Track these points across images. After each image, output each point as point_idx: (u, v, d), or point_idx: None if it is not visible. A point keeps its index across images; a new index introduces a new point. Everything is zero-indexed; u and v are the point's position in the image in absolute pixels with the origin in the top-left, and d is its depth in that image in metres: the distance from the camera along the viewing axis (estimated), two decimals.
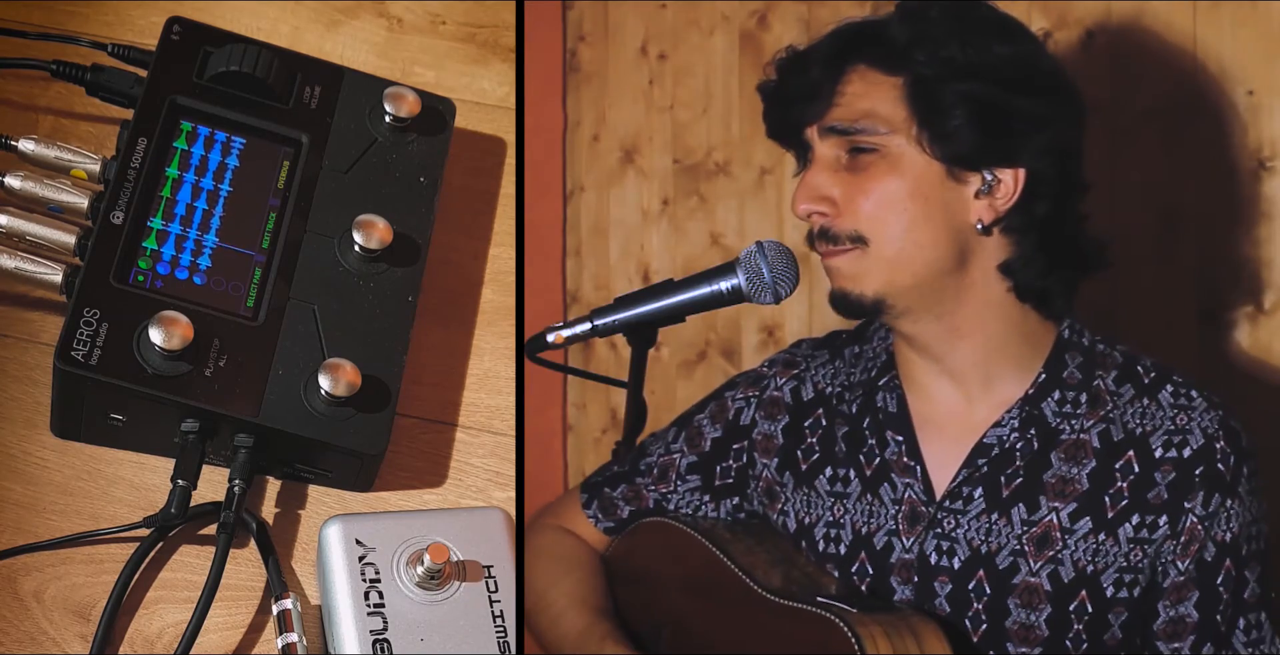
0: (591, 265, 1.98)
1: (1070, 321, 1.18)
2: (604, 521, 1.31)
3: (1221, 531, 1.13)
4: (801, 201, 1.15)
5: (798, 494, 1.23)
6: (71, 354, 1.21)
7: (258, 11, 1.55)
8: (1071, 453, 1.15)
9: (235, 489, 1.23)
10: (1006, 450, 1.16)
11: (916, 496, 1.18)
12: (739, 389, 1.28)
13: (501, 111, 1.55)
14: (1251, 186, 1.41)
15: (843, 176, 1.14)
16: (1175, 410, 1.14)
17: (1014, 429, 1.16)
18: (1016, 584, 1.15)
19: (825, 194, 1.14)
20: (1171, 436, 1.14)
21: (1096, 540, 1.14)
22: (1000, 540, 1.15)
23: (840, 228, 1.14)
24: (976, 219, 1.14)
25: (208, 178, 1.34)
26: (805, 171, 1.16)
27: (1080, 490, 1.14)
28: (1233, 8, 1.41)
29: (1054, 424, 1.15)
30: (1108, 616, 1.14)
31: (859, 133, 1.13)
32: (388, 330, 1.32)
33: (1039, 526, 1.14)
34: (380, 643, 1.16)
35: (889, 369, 1.21)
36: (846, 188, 1.14)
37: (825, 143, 1.15)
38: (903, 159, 1.13)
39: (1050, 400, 1.16)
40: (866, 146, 1.13)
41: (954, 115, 1.11)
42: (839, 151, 1.14)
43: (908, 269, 1.14)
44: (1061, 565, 1.14)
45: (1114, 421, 1.15)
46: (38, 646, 1.20)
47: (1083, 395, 1.16)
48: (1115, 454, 1.14)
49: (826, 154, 1.15)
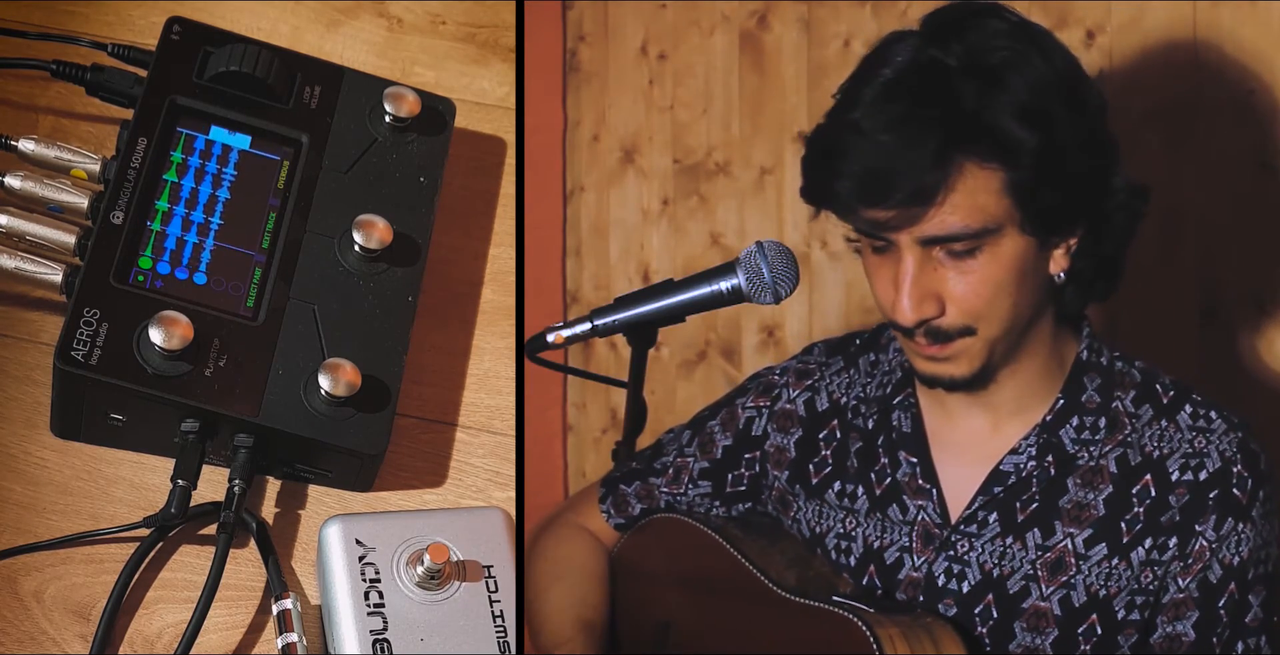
0: (591, 265, 1.98)
1: (1090, 340, 1.16)
2: (615, 517, 1.31)
3: (1230, 554, 1.11)
4: (913, 311, 1.08)
5: (809, 504, 1.22)
6: (71, 354, 1.21)
7: (258, 11, 1.55)
8: (1089, 478, 1.13)
9: (235, 489, 1.23)
10: (1023, 478, 1.14)
11: (930, 519, 1.16)
12: (749, 396, 1.27)
13: (501, 111, 1.55)
14: (1251, 186, 1.41)
15: (944, 273, 1.08)
16: (1194, 433, 1.13)
17: (1031, 457, 1.14)
18: (1025, 608, 1.14)
19: (933, 295, 1.09)
20: (1189, 459, 1.12)
21: (1110, 564, 1.12)
22: (1013, 564, 1.14)
23: (950, 325, 1.10)
24: (1058, 271, 1.12)
25: (208, 178, 1.34)
26: (900, 271, 1.08)
27: (1096, 516, 1.13)
28: (1233, 8, 1.41)
29: (1072, 451, 1.14)
30: (1117, 638, 1.13)
31: (969, 238, 1.07)
32: (388, 330, 1.32)
33: (1053, 551, 1.13)
34: (380, 643, 1.16)
35: (904, 386, 1.20)
36: (954, 286, 1.08)
37: (922, 244, 1.08)
38: (1003, 245, 1.08)
39: (1069, 427, 1.14)
40: (974, 246, 1.08)
41: (1055, 197, 1.07)
42: (935, 247, 1.08)
43: (1006, 341, 1.11)
44: (1074, 590, 1.13)
45: (1132, 445, 1.13)
46: (38, 646, 1.20)
47: (1101, 419, 1.14)
48: (1132, 479, 1.13)
49: (919, 250, 1.08)
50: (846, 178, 1.06)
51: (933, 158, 1.04)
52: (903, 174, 1.04)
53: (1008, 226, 1.07)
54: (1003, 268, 1.08)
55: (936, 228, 1.06)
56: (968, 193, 1.06)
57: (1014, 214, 1.07)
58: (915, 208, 1.05)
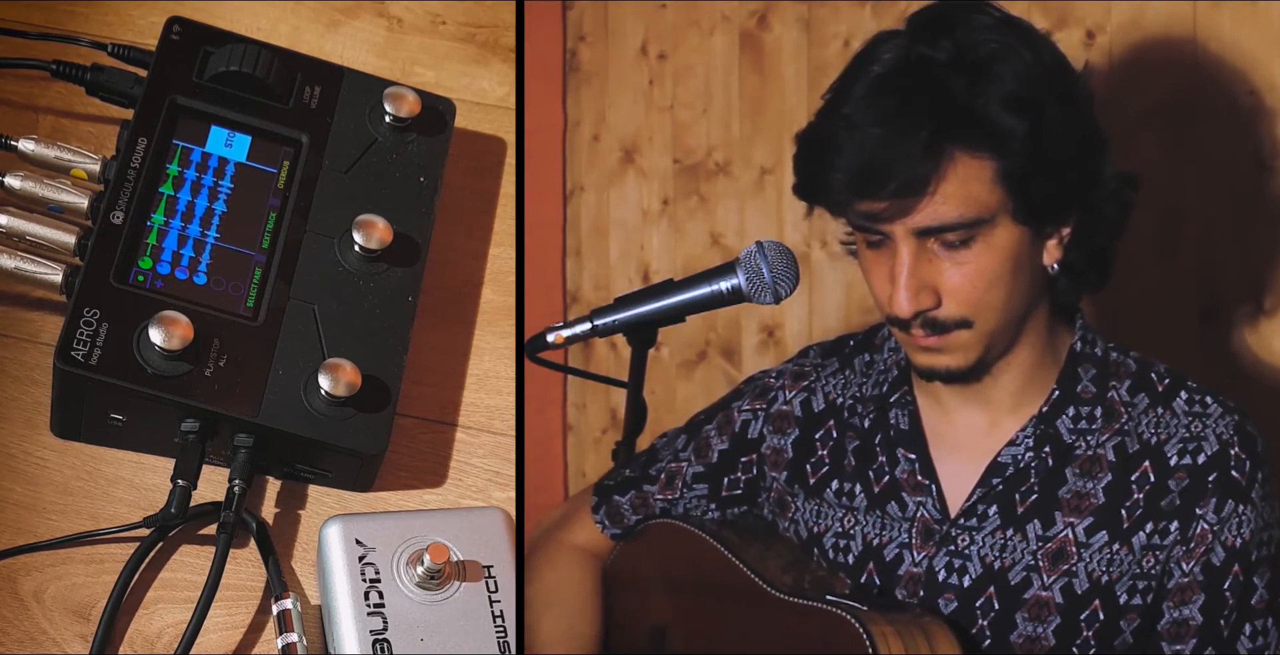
0: (591, 265, 1.98)
1: (1083, 331, 1.17)
2: (610, 528, 1.31)
3: (1232, 536, 1.12)
4: (910, 303, 1.09)
5: (808, 504, 1.23)
6: (71, 354, 1.21)
7: (258, 11, 1.55)
8: (1087, 468, 1.14)
9: (235, 489, 1.23)
10: (1021, 469, 1.15)
11: (930, 515, 1.17)
12: (745, 399, 1.27)
13: (501, 111, 1.55)
14: (1251, 186, 1.41)
15: (939, 265, 1.09)
16: (1190, 418, 1.14)
17: (1029, 448, 1.15)
18: (1027, 599, 1.14)
19: (929, 286, 1.09)
20: (1186, 444, 1.13)
21: (1112, 550, 1.13)
22: (1014, 556, 1.14)
23: (947, 316, 1.10)
24: (1052, 262, 1.13)
25: (208, 177, 1.34)
26: (896, 263, 1.09)
27: (1096, 504, 1.13)
28: (1233, 8, 1.41)
29: (1069, 441, 1.14)
30: (1119, 623, 1.13)
31: (963, 228, 1.07)
32: (388, 330, 1.32)
33: (1054, 542, 1.14)
34: (380, 643, 1.16)
35: (901, 384, 1.20)
36: (950, 278, 1.09)
37: (917, 235, 1.09)
38: (996, 235, 1.09)
39: (1065, 417, 1.15)
40: (968, 236, 1.08)
41: (1047, 186, 1.08)
42: (930, 238, 1.09)
43: (1005, 333, 1.12)
44: (1075, 578, 1.13)
45: (1129, 433, 1.14)
46: (38, 646, 1.20)
47: (1097, 409, 1.14)
48: (1131, 466, 1.13)
49: (914, 241, 1.09)
50: (840, 171, 1.07)
51: (924, 148, 1.05)
52: (895, 165, 1.05)
53: (1001, 216, 1.08)
54: (997, 258, 1.09)
55: (930, 218, 1.07)
56: (960, 182, 1.06)
57: (1007, 203, 1.08)
58: (909, 198, 1.06)
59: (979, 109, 1.06)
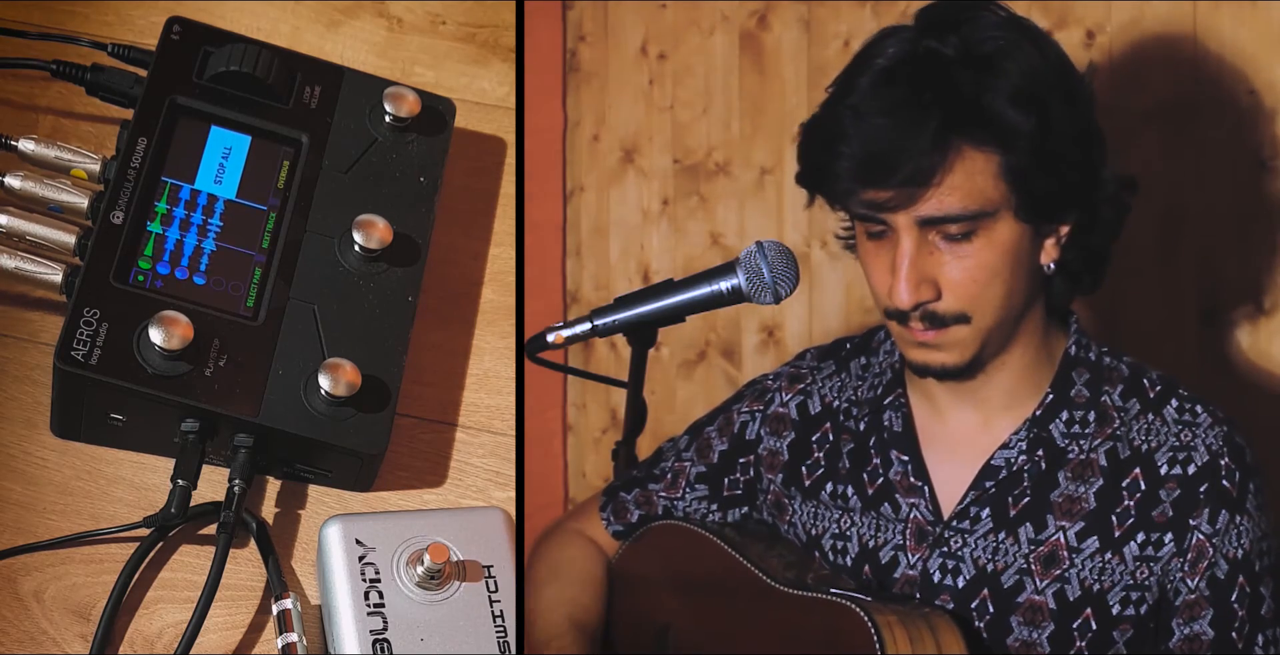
0: (591, 265, 1.98)
1: (1078, 335, 1.17)
2: (615, 524, 1.31)
3: (1232, 548, 1.12)
4: (910, 294, 1.09)
5: (805, 506, 1.23)
6: (71, 354, 1.21)
7: (258, 11, 1.55)
8: (1079, 472, 1.14)
9: (235, 489, 1.23)
10: (1014, 472, 1.15)
11: (923, 516, 1.17)
12: (744, 402, 1.28)
13: (501, 111, 1.55)
14: (1251, 186, 1.41)
15: (940, 258, 1.09)
16: (1180, 426, 1.14)
17: (1021, 451, 1.15)
18: (1021, 602, 1.14)
19: (929, 279, 1.10)
20: (1176, 453, 1.13)
21: (1103, 559, 1.13)
22: (1007, 559, 1.14)
23: (946, 310, 1.10)
24: (1048, 262, 1.13)
25: (208, 177, 1.34)
26: (898, 254, 1.09)
27: (1087, 509, 1.13)
28: (1233, 8, 1.41)
29: (1062, 445, 1.14)
30: (1112, 634, 1.13)
31: (966, 219, 1.08)
32: (388, 330, 1.32)
33: (1046, 545, 1.14)
34: (380, 643, 1.16)
35: (895, 386, 1.20)
36: (950, 271, 1.09)
37: (920, 225, 1.09)
38: (998, 230, 1.09)
39: (1058, 421, 1.15)
40: (970, 229, 1.09)
41: (1049, 183, 1.08)
42: (932, 230, 1.09)
43: (1001, 331, 1.13)
44: (1068, 584, 1.13)
45: (1120, 439, 1.14)
46: (38, 646, 1.20)
47: (1090, 414, 1.15)
48: (1122, 472, 1.13)
49: (917, 232, 1.09)
50: (846, 159, 1.08)
51: (931, 140, 1.06)
52: (903, 154, 1.06)
53: (1003, 211, 1.09)
54: (997, 253, 1.09)
55: (935, 208, 1.08)
56: (966, 175, 1.07)
57: (1009, 198, 1.08)
58: (915, 188, 1.07)
59: (986, 103, 1.07)
